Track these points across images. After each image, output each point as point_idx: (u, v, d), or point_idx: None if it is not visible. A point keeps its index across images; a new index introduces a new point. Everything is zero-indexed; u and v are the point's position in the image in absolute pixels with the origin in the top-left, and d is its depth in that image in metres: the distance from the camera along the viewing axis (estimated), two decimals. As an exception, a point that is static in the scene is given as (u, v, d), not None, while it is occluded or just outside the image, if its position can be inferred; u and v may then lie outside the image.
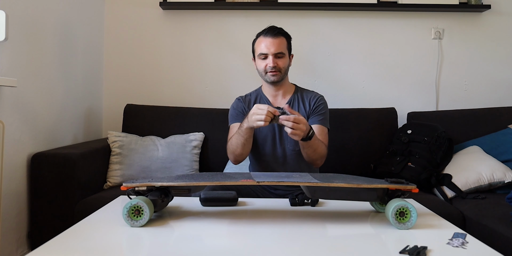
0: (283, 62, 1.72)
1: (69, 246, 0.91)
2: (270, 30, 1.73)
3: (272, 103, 1.78)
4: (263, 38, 1.72)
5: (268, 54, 1.70)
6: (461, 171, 1.93)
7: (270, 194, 1.71)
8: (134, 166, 2.03)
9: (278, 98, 1.79)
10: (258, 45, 1.73)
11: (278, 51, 1.70)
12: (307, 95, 1.80)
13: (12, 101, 1.66)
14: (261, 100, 1.79)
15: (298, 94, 1.80)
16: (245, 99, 1.82)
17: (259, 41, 1.74)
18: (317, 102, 1.78)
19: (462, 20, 2.58)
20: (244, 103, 1.79)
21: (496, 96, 2.58)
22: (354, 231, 1.05)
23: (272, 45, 1.69)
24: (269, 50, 1.69)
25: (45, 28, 1.91)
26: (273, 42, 1.70)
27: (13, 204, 1.68)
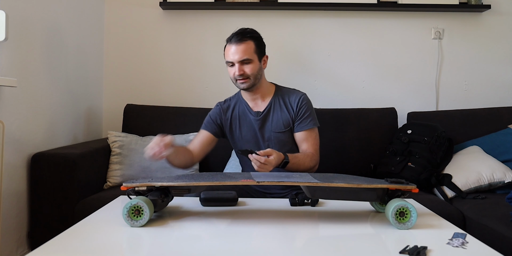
0: (251, 68, 1.64)
1: (69, 246, 0.91)
2: (235, 36, 1.66)
3: (251, 107, 1.73)
4: (228, 45, 1.66)
5: (234, 62, 1.63)
6: (461, 171, 1.93)
7: (265, 195, 1.70)
8: (134, 166, 2.03)
9: (257, 102, 1.73)
10: (226, 52, 1.67)
11: (243, 58, 1.62)
12: (288, 96, 1.73)
13: (12, 101, 1.66)
14: (240, 106, 1.75)
15: (279, 96, 1.73)
16: (223, 105, 1.78)
17: (226, 49, 1.68)
18: (299, 104, 1.70)
19: (462, 20, 2.58)
20: (222, 110, 1.75)
21: (496, 96, 2.58)
22: (354, 231, 1.05)
23: (236, 53, 1.62)
24: (234, 58, 1.63)
25: (45, 28, 1.91)
26: (237, 49, 1.63)
27: (13, 204, 1.68)
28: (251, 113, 1.72)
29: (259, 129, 1.71)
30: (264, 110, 1.71)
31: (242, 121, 1.73)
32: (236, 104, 1.76)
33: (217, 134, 1.75)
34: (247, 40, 1.65)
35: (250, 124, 1.72)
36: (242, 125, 1.73)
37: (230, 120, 1.74)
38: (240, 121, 1.73)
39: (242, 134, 1.72)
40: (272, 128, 1.70)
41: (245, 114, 1.73)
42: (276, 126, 1.69)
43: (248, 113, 1.73)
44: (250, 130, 1.72)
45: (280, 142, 1.68)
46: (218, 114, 1.75)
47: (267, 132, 1.70)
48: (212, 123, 1.74)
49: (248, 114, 1.73)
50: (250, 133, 1.72)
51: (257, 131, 1.71)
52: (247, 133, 1.72)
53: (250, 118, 1.72)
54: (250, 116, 1.72)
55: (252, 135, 1.71)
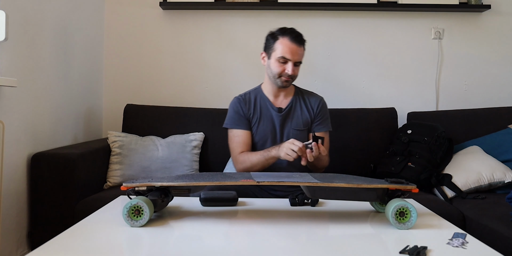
0: (298, 70, 1.72)
1: (69, 246, 0.91)
2: (298, 37, 1.68)
3: (273, 103, 1.77)
4: (288, 41, 1.66)
5: (290, 61, 1.66)
6: (461, 171, 1.93)
7: (269, 195, 1.70)
8: (134, 166, 2.03)
9: (279, 98, 1.78)
10: (281, 46, 1.67)
11: (299, 60, 1.69)
12: (308, 98, 1.80)
13: (12, 101, 1.66)
14: (261, 100, 1.78)
15: (299, 96, 1.80)
16: (244, 98, 1.79)
17: (283, 43, 1.67)
18: (319, 106, 1.79)
19: (462, 20, 2.58)
20: (245, 103, 1.77)
21: (496, 96, 2.58)
22: (354, 231, 1.05)
23: (297, 53, 1.67)
24: (293, 57, 1.66)
25: (45, 28, 1.91)
26: (298, 50, 1.67)
27: (13, 204, 1.68)
28: (273, 108, 1.75)
29: (280, 125, 1.74)
30: (287, 107, 1.76)
31: (262, 115, 1.75)
32: (257, 98, 1.78)
33: (250, 127, 1.76)
34: (303, 45, 1.72)
35: (270, 119, 1.75)
36: (262, 119, 1.75)
37: (252, 113, 1.76)
38: (261, 115, 1.75)
39: (260, 128, 1.74)
40: (292, 125, 1.74)
41: (266, 109, 1.76)
42: (297, 123, 1.75)
43: (270, 108, 1.76)
44: (270, 125, 1.74)
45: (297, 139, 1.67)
46: (241, 107, 1.76)
47: (287, 129, 1.74)
48: (242, 117, 1.75)
49: (270, 109, 1.76)
50: (269, 128, 1.74)
51: (277, 127, 1.74)
52: (266, 128, 1.74)
53: (272, 113, 1.75)
54: (272, 111, 1.75)
55: (271, 130, 1.74)
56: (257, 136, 1.75)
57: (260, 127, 1.75)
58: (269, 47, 1.72)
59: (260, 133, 1.74)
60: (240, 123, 1.75)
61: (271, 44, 1.71)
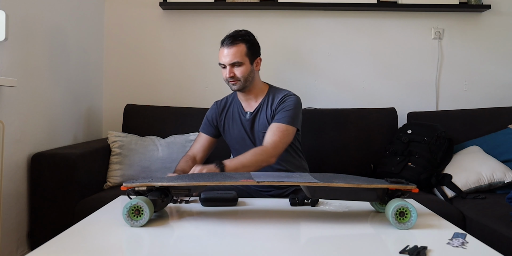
0: (241, 70, 1.67)
1: (69, 246, 0.91)
2: (227, 39, 1.70)
3: (245, 108, 1.78)
4: (221, 47, 1.71)
5: (225, 64, 1.69)
6: (461, 171, 1.93)
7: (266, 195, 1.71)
8: (134, 166, 2.03)
9: (250, 102, 1.78)
10: (219, 55, 1.72)
11: (233, 61, 1.67)
12: (277, 95, 1.74)
13: (12, 101, 1.66)
14: (234, 105, 1.81)
15: (270, 96, 1.75)
16: (220, 104, 1.85)
17: (219, 51, 1.72)
18: (281, 100, 1.70)
19: (462, 20, 2.58)
20: (218, 110, 1.83)
21: (496, 96, 2.58)
22: (354, 231, 1.05)
23: (227, 55, 1.67)
24: (225, 60, 1.68)
25: (45, 28, 1.91)
26: (228, 52, 1.67)
27: (13, 204, 1.68)
28: (242, 113, 1.78)
29: (250, 129, 1.75)
30: (254, 111, 1.75)
31: (233, 122, 1.79)
32: (231, 104, 1.82)
33: (215, 135, 1.83)
34: (239, 43, 1.68)
35: (240, 125, 1.77)
36: (233, 125, 1.78)
37: (224, 119, 1.81)
38: (232, 121, 1.79)
39: (232, 135, 1.78)
40: (259, 128, 1.73)
41: (238, 114, 1.79)
42: (263, 126, 1.72)
43: (240, 114, 1.78)
44: (240, 130, 1.76)
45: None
46: (214, 114, 1.83)
47: (256, 133, 1.75)
48: (209, 124, 1.83)
49: (239, 114, 1.78)
50: (240, 134, 1.76)
51: (247, 132, 1.75)
52: (238, 133, 1.77)
53: (241, 118, 1.77)
54: (242, 117, 1.77)
55: (241, 136, 1.76)
56: (230, 141, 1.81)
57: (231, 131, 1.78)
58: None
59: (232, 138, 1.78)
60: (205, 127, 1.83)
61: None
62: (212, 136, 1.82)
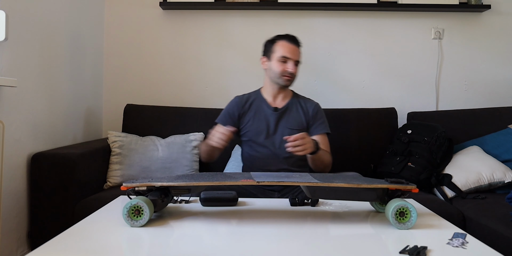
0: (298, 70, 1.82)
1: (69, 246, 0.91)
2: (294, 39, 1.81)
3: (270, 103, 1.85)
4: (287, 43, 1.79)
5: (291, 59, 1.77)
6: (461, 171, 1.93)
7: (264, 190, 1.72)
8: (134, 166, 2.03)
9: (277, 100, 1.86)
10: (281, 48, 1.78)
11: (298, 59, 1.80)
12: (305, 102, 1.88)
13: (12, 101, 1.66)
14: (258, 101, 1.86)
15: (296, 100, 1.88)
16: (242, 97, 1.89)
17: (281, 45, 1.79)
18: (314, 109, 1.86)
19: (462, 20, 2.58)
20: (241, 101, 1.86)
21: (496, 96, 2.58)
22: (354, 231, 1.05)
23: (296, 53, 1.79)
24: (293, 56, 1.78)
25: (45, 28, 1.91)
26: (297, 50, 1.80)
27: (13, 204, 1.68)
28: (268, 107, 1.83)
29: (275, 123, 1.81)
30: (283, 108, 1.84)
31: (257, 114, 1.83)
32: (255, 99, 1.87)
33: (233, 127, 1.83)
34: (300, 46, 1.84)
35: (264, 117, 1.82)
36: (256, 117, 1.83)
37: (246, 112, 1.85)
38: (256, 114, 1.83)
39: (253, 126, 1.81)
40: (287, 124, 1.81)
41: (261, 109, 1.84)
42: (292, 123, 1.82)
43: (266, 107, 1.84)
44: (264, 122, 1.81)
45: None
46: (235, 106, 1.87)
47: (281, 127, 1.80)
48: (228, 117, 1.85)
49: (265, 108, 1.84)
50: (263, 126, 1.81)
51: (271, 125, 1.80)
52: (260, 125, 1.81)
53: (267, 112, 1.83)
54: (267, 110, 1.83)
55: (264, 127, 1.81)
56: (249, 133, 1.82)
57: (253, 124, 1.82)
58: (268, 51, 1.84)
59: (253, 130, 1.81)
60: (224, 119, 1.85)
61: (269, 48, 1.84)
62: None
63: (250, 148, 1.82)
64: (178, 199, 1.32)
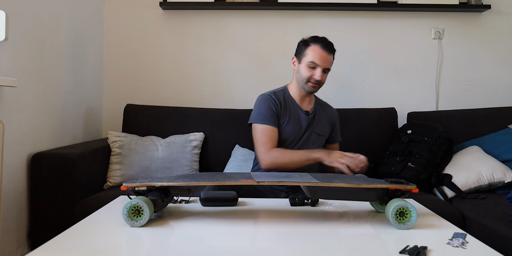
0: (326, 77, 1.78)
1: (69, 246, 0.91)
2: (329, 45, 1.76)
3: (300, 106, 1.82)
4: (319, 48, 1.74)
5: (320, 66, 1.73)
6: (461, 171, 1.93)
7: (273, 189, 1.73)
8: (134, 166, 2.03)
9: (305, 103, 1.84)
10: (313, 52, 1.74)
11: (328, 67, 1.76)
12: (328, 108, 1.93)
13: (12, 101, 1.66)
14: (289, 101, 1.81)
15: (319, 104, 1.89)
16: (275, 96, 1.80)
17: (314, 49, 1.74)
18: (335, 118, 1.92)
19: (462, 20, 2.58)
20: (278, 101, 1.78)
21: (496, 96, 2.58)
22: (354, 231, 1.05)
23: (327, 60, 1.74)
24: (322, 63, 1.73)
25: (45, 28, 1.91)
26: (328, 58, 1.75)
27: (13, 204, 1.68)
28: (301, 110, 1.81)
29: (306, 127, 1.79)
30: (312, 112, 1.83)
31: (291, 117, 1.79)
32: (286, 99, 1.82)
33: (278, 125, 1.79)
34: (333, 53, 1.80)
35: (298, 120, 1.79)
36: (291, 119, 1.78)
37: (283, 111, 1.79)
38: (290, 116, 1.79)
39: (288, 128, 1.77)
40: (315, 129, 1.81)
41: (295, 110, 1.81)
42: (319, 128, 1.83)
43: (299, 109, 1.81)
44: (297, 126, 1.79)
45: (316, 144, 1.80)
46: (276, 105, 1.78)
47: (309, 132, 1.80)
48: (276, 116, 1.77)
49: (298, 110, 1.81)
50: (296, 129, 1.78)
51: (303, 128, 1.79)
52: (294, 128, 1.78)
53: (300, 115, 1.80)
54: (300, 113, 1.80)
55: (297, 131, 1.78)
56: (284, 135, 1.77)
57: (288, 126, 1.77)
58: (300, 53, 1.79)
59: (287, 132, 1.77)
60: (272, 119, 1.75)
61: (302, 50, 1.78)
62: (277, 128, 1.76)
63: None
64: (178, 199, 1.32)
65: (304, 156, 1.68)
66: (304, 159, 1.67)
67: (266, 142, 1.72)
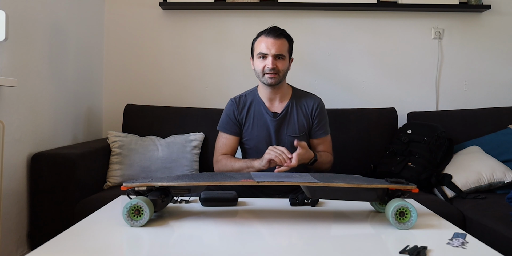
0: (283, 64, 1.66)
1: (69, 246, 0.91)
2: (273, 31, 1.66)
3: (268, 107, 1.73)
4: (264, 37, 1.66)
5: (268, 55, 1.63)
6: (461, 171, 1.93)
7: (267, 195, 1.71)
8: (134, 166, 2.03)
9: (275, 102, 1.74)
10: (258, 44, 1.67)
11: (278, 53, 1.64)
12: (306, 100, 1.76)
13: (12, 101, 1.66)
14: (256, 104, 1.74)
15: (296, 100, 1.75)
16: (239, 101, 1.76)
17: (259, 41, 1.68)
18: (317, 110, 1.74)
19: (462, 20, 2.58)
20: (238, 106, 1.74)
21: (496, 96, 2.58)
22: (354, 231, 1.05)
23: (273, 46, 1.63)
24: (269, 51, 1.63)
25: (45, 28, 1.91)
26: (274, 43, 1.63)
27: (13, 204, 1.68)
28: (268, 113, 1.72)
29: (274, 130, 1.71)
30: (282, 112, 1.72)
31: (256, 121, 1.72)
32: (253, 102, 1.75)
33: (239, 133, 1.76)
34: (283, 38, 1.67)
35: (265, 124, 1.72)
36: (256, 124, 1.72)
37: (245, 118, 1.74)
38: (255, 120, 1.73)
39: (253, 134, 1.72)
40: (287, 131, 1.71)
41: (261, 114, 1.73)
42: (292, 130, 1.72)
43: (265, 113, 1.72)
44: (264, 130, 1.72)
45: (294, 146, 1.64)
46: (233, 111, 1.74)
47: (282, 135, 1.72)
48: (232, 124, 1.74)
49: (264, 114, 1.72)
50: (264, 134, 1.71)
51: (272, 133, 1.71)
52: (260, 133, 1.71)
53: (266, 118, 1.72)
54: (267, 116, 1.72)
55: (265, 136, 1.71)
56: (251, 142, 1.73)
57: (253, 132, 1.72)
58: (252, 50, 1.74)
59: (254, 138, 1.72)
60: (228, 127, 1.74)
61: (252, 47, 1.73)
62: (236, 135, 1.74)
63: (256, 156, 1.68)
64: (178, 199, 1.32)
65: (244, 164, 1.65)
66: (244, 167, 1.64)
67: (217, 149, 1.76)
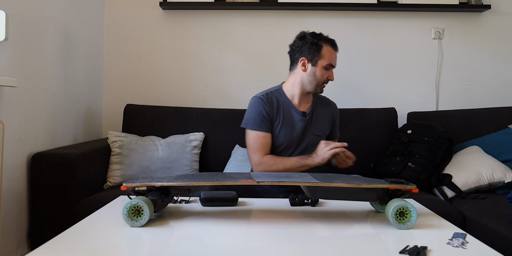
0: None
1: (69, 246, 0.91)
2: (334, 42, 1.74)
3: (296, 106, 1.74)
4: (332, 49, 1.71)
5: (333, 67, 1.73)
6: (461, 171, 1.93)
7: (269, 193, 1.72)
8: (134, 166, 2.03)
9: (302, 103, 1.76)
10: (329, 54, 1.70)
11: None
12: (325, 103, 1.84)
13: (12, 101, 1.66)
14: (284, 103, 1.72)
15: (318, 101, 1.82)
16: (267, 98, 1.71)
17: (329, 51, 1.70)
18: (335, 114, 1.85)
19: (462, 20, 2.58)
20: (267, 104, 1.70)
21: (496, 96, 2.58)
22: (354, 231, 1.05)
23: (336, 59, 1.73)
24: (335, 64, 1.72)
25: (45, 28, 1.91)
26: (336, 57, 1.74)
27: (13, 204, 1.68)
28: (297, 112, 1.73)
29: (303, 129, 1.72)
30: (309, 112, 1.75)
31: (285, 120, 1.71)
32: (280, 101, 1.73)
33: (271, 130, 1.72)
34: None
35: (292, 123, 1.71)
36: (284, 123, 1.71)
37: (275, 116, 1.71)
38: (283, 118, 1.71)
39: (282, 132, 1.70)
40: (313, 131, 1.74)
41: (289, 113, 1.72)
42: (318, 129, 1.76)
43: (294, 112, 1.73)
44: (293, 129, 1.71)
45: (314, 146, 1.68)
46: (264, 108, 1.69)
47: (308, 134, 1.73)
48: (266, 122, 1.70)
49: (293, 113, 1.73)
50: (292, 132, 1.71)
51: (299, 131, 1.72)
52: (289, 132, 1.70)
53: (295, 117, 1.72)
54: (296, 115, 1.72)
55: (293, 134, 1.71)
56: (279, 140, 1.70)
57: (282, 131, 1.70)
58: (312, 54, 1.70)
59: (282, 137, 1.70)
60: (263, 125, 1.68)
61: (315, 51, 1.70)
62: (270, 133, 1.70)
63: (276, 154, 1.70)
64: (178, 199, 1.32)
65: (297, 163, 1.63)
66: (298, 166, 1.63)
67: (257, 150, 1.67)
